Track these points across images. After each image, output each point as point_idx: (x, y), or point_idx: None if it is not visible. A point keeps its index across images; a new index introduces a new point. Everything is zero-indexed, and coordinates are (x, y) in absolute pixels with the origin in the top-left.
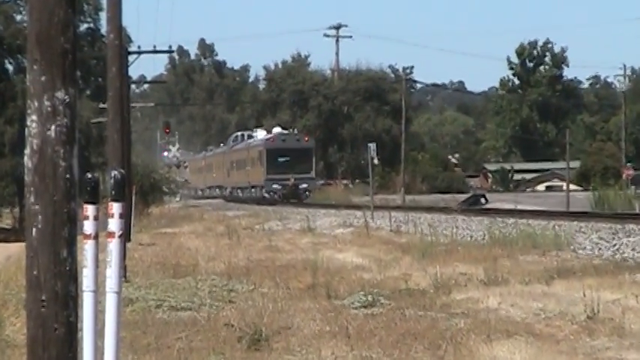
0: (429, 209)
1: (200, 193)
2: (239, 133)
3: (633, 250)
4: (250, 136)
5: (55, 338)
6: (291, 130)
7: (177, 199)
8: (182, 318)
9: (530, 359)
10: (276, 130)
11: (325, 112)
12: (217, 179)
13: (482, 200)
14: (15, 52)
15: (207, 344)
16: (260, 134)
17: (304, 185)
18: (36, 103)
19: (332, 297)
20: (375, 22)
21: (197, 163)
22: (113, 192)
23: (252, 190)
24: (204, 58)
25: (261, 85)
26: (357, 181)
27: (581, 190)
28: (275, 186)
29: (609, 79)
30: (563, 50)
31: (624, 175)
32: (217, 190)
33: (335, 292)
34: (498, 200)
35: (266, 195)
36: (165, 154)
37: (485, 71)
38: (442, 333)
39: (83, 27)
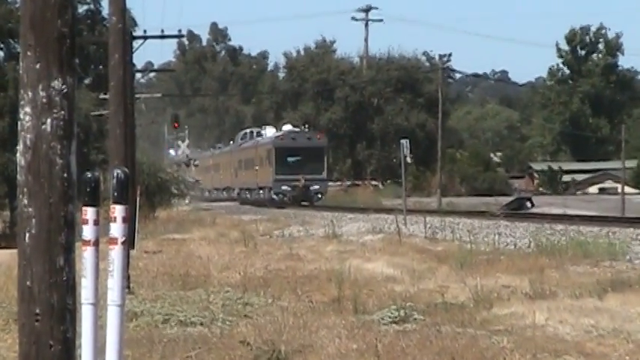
0: (468, 214)
1: (208, 194)
2: (247, 131)
3: None
4: (259, 134)
5: (50, 356)
6: (303, 127)
7: (187, 201)
8: (192, 334)
9: None
10: (287, 127)
11: (353, 105)
12: (224, 180)
13: (528, 204)
14: (6, 36)
15: None
16: (269, 131)
17: (315, 187)
18: (30, 94)
19: (359, 311)
20: (409, 3)
21: (207, 162)
22: (115, 193)
23: (261, 191)
24: (217, 44)
25: (281, 74)
26: (388, 181)
27: (638, 194)
28: (284, 187)
29: None
30: (618, 36)
31: None
32: (224, 192)
33: (363, 306)
34: (545, 204)
35: (274, 197)
36: (171, 152)
37: (531, 60)
38: (483, 352)
39: (82, 9)
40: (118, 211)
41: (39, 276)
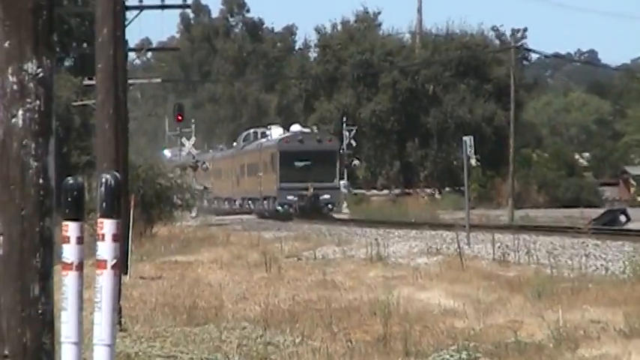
0: (548, 230)
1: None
2: (251, 131)
3: None
4: (264, 135)
5: None
6: (314, 127)
7: (193, 214)
8: None
9: None
10: (295, 127)
11: (402, 93)
12: (225, 189)
13: (623, 218)
14: None
15: None
16: (275, 132)
17: (326, 196)
18: None
19: (411, 353)
20: None
21: (216, 164)
22: (104, 204)
23: (264, 202)
24: (232, 17)
25: (313, 55)
26: (447, 189)
27: None
28: (290, 197)
29: None
30: None
31: None
32: (225, 202)
33: (415, 346)
34: None
35: (279, 208)
36: (167, 152)
37: (626, 37)
38: None
39: None
40: (107, 226)
41: (8, 308)
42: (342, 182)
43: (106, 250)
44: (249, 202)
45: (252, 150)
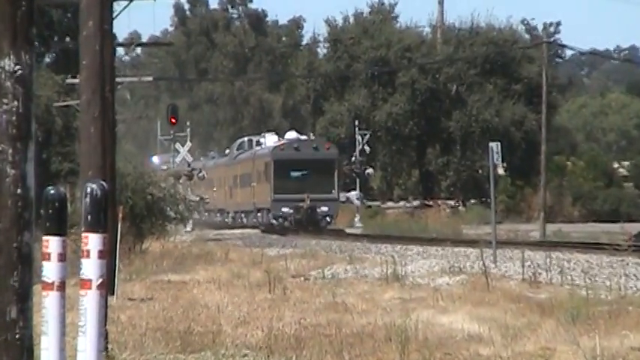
0: (584, 247)
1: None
2: (245, 139)
3: None
4: (259, 143)
5: None
6: (311, 134)
7: (189, 228)
8: None
9: None
10: (290, 134)
11: (422, 93)
12: (218, 200)
13: None
14: None
15: None
16: (269, 140)
17: (324, 208)
18: None
19: None
20: None
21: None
22: (89, 217)
23: (258, 214)
24: (232, 8)
25: (322, 51)
26: (471, 201)
27: None
28: (285, 209)
29: None
30: None
31: None
32: (218, 214)
33: None
34: None
35: (273, 221)
36: (155, 159)
37: None
38: None
39: None
40: (92, 241)
41: None
42: (354, 193)
43: (91, 268)
44: (242, 215)
45: (246, 159)
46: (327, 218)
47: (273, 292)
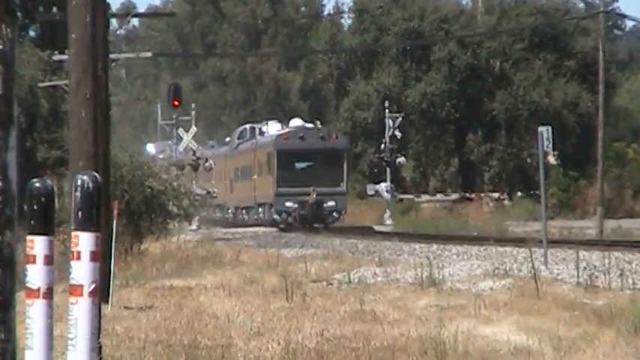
0: None
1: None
2: (247, 127)
3: None
4: (261, 132)
5: None
6: (317, 122)
7: (194, 226)
8: None
9: None
10: (295, 122)
11: (461, 71)
12: (218, 194)
13: None
14: None
15: None
16: (272, 128)
17: (331, 203)
18: None
19: None
20: None
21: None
22: (80, 213)
23: (260, 210)
24: None
25: (347, 22)
26: (518, 194)
27: None
28: (288, 204)
29: None
30: None
31: None
32: (217, 210)
33: None
34: None
35: (276, 217)
36: (150, 147)
37: None
38: None
39: None
40: (83, 241)
41: None
42: (384, 185)
43: (82, 272)
44: (243, 211)
45: (247, 149)
46: (335, 214)
47: (291, 299)
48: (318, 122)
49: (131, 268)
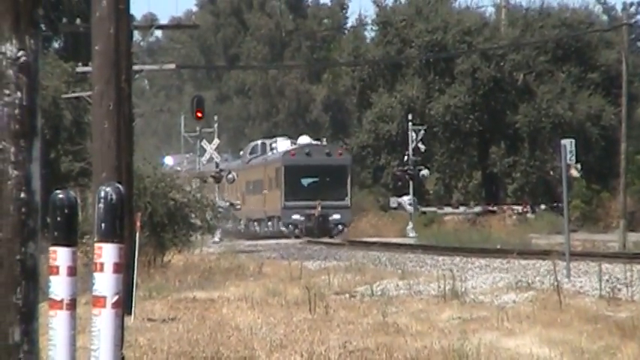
0: None
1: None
2: (259, 142)
3: None
4: (272, 148)
5: None
6: (324, 139)
7: (217, 238)
8: None
9: None
10: (303, 139)
11: (484, 84)
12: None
13: None
14: None
15: None
16: (281, 145)
17: (336, 216)
18: None
19: None
20: None
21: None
22: (103, 225)
23: (269, 222)
24: None
25: (370, 34)
26: (542, 207)
27: None
28: (295, 217)
29: None
30: None
31: None
32: (229, 223)
33: None
34: None
35: (283, 229)
36: (167, 160)
37: None
38: None
39: None
40: (106, 253)
41: None
42: (406, 198)
43: (105, 283)
44: (255, 223)
45: (258, 164)
46: (340, 226)
47: (314, 311)
48: (324, 140)
49: (154, 279)
